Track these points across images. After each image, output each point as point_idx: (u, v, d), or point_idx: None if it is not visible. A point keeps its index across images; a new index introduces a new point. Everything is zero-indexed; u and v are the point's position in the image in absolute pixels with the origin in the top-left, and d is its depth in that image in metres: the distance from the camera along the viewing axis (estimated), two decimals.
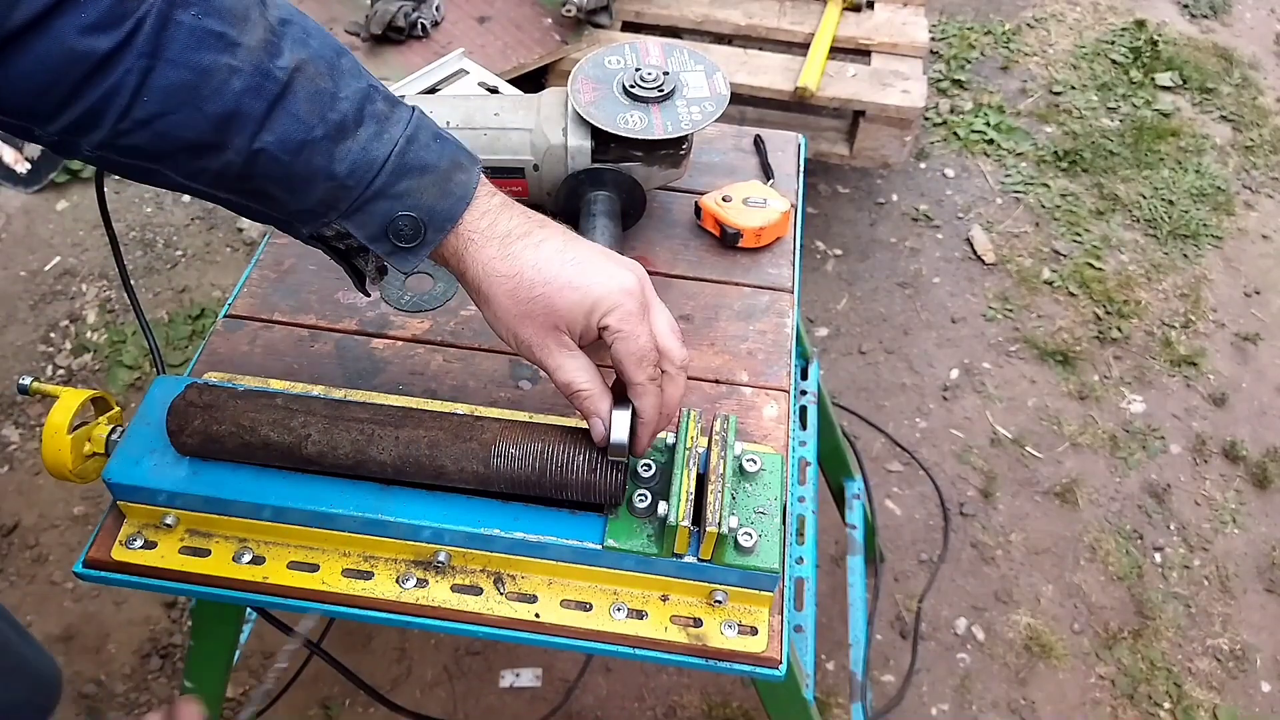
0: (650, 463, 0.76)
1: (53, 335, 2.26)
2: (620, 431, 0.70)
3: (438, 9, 2.16)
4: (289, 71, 0.64)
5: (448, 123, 0.98)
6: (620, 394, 0.72)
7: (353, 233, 0.70)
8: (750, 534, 0.72)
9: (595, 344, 0.72)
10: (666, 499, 0.71)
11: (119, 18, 0.58)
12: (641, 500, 0.73)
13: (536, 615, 0.76)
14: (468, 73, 1.27)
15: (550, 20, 2.23)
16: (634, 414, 0.71)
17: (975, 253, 2.57)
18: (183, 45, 0.60)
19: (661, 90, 0.96)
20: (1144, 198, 2.71)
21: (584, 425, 0.75)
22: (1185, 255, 2.59)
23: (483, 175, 0.73)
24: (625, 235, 1.02)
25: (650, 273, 1.02)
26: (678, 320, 0.98)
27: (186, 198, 2.56)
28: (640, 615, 0.76)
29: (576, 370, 0.71)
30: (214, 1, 0.61)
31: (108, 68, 0.59)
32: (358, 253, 0.77)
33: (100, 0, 0.58)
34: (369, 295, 0.84)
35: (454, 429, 0.74)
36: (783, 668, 0.75)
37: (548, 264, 0.70)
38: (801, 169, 1.17)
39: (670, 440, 0.77)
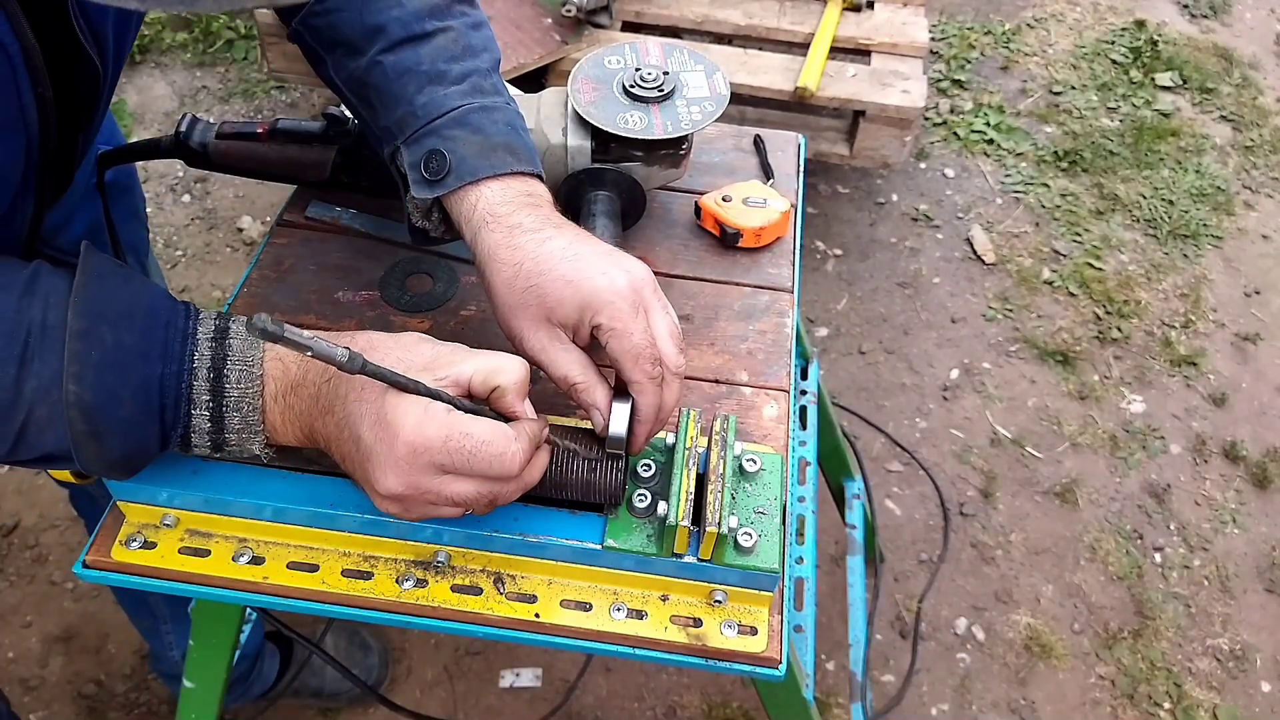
0: (650, 463, 0.76)
1: None
2: (619, 424, 0.70)
3: None
4: (436, 26, 0.80)
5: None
6: (621, 389, 0.71)
7: (402, 155, 0.78)
8: (750, 534, 0.72)
9: (595, 345, 0.72)
10: (666, 499, 0.71)
11: None
12: (641, 500, 0.73)
13: (536, 615, 0.76)
14: None
15: (550, 20, 2.23)
16: (633, 410, 0.71)
17: (975, 253, 2.57)
18: None
19: (661, 90, 0.96)
20: (1144, 198, 2.72)
21: (584, 425, 0.75)
22: (1185, 255, 2.59)
23: (538, 181, 0.79)
24: (625, 235, 1.02)
25: None
26: (677, 320, 0.98)
27: (186, 198, 2.56)
28: (640, 615, 0.76)
29: (571, 363, 0.71)
30: None
31: None
32: (407, 190, 0.81)
33: None
34: (416, 244, 0.87)
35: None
36: (782, 668, 0.75)
37: (547, 258, 0.71)
38: (801, 169, 1.17)
39: (670, 440, 0.77)
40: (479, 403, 0.67)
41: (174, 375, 0.63)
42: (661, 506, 0.72)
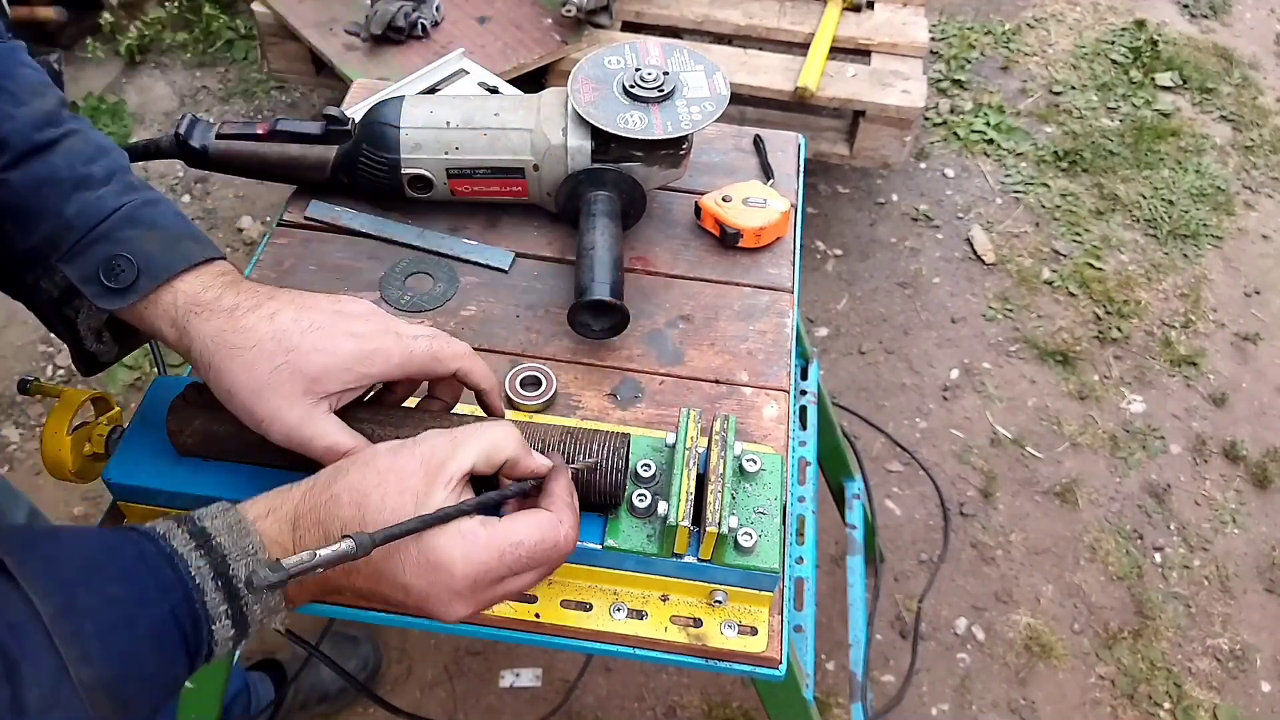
0: (650, 463, 0.76)
1: (53, 335, 2.26)
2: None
3: (438, 9, 2.16)
4: (59, 133, 0.73)
5: (448, 123, 0.98)
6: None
7: (69, 275, 0.71)
8: (750, 534, 0.72)
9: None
10: (666, 499, 0.71)
11: None
12: (641, 500, 0.73)
13: (536, 615, 0.76)
14: (468, 73, 1.27)
15: (550, 20, 2.23)
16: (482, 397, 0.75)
17: (975, 253, 2.57)
18: None
19: (661, 90, 0.96)
20: (1144, 198, 2.72)
21: (586, 425, 0.75)
22: (1185, 255, 2.59)
23: (227, 265, 0.74)
24: (625, 235, 1.02)
25: (650, 273, 1.03)
26: (678, 321, 0.98)
27: (186, 198, 2.56)
28: (640, 615, 0.76)
29: (338, 430, 0.69)
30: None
31: None
32: (76, 314, 0.75)
33: None
34: (86, 374, 0.81)
35: (454, 427, 0.73)
36: (783, 668, 0.75)
37: (287, 334, 0.68)
38: (801, 169, 1.17)
39: (670, 440, 0.77)
40: (493, 478, 0.65)
41: (183, 602, 0.55)
42: (662, 506, 0.72)
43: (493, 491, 0.64)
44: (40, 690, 0.50)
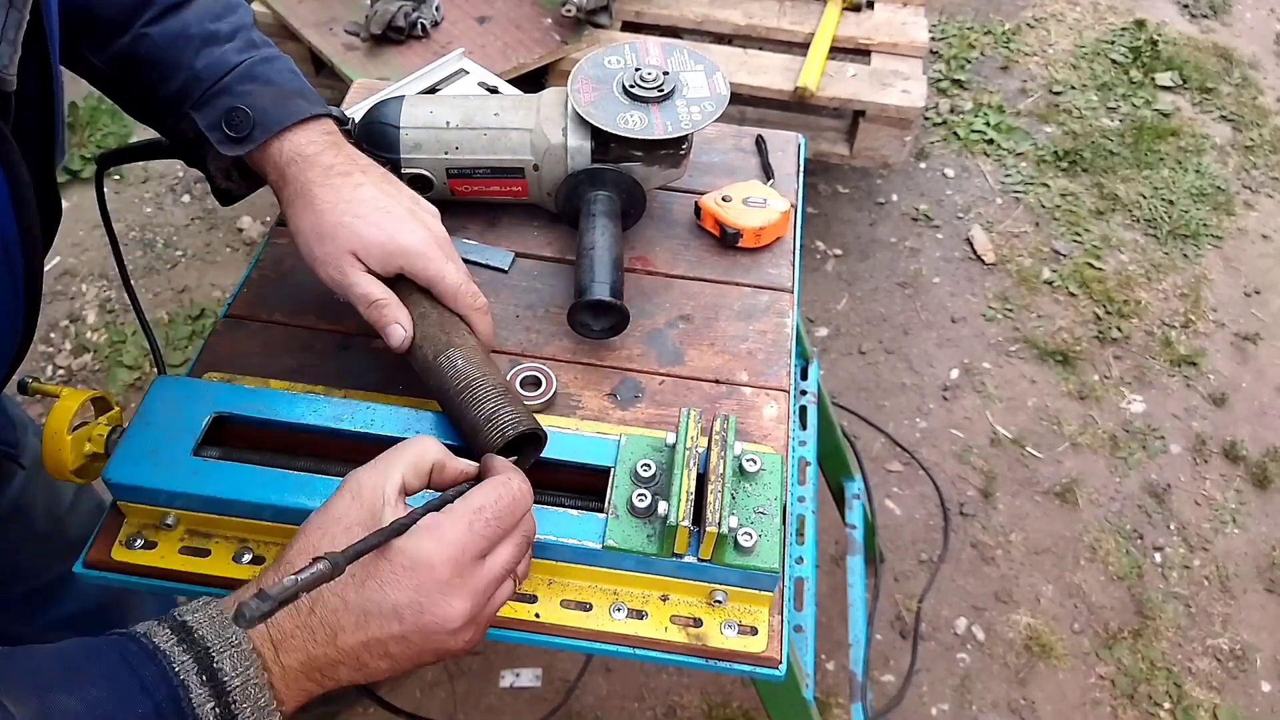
0: (650, 462, 0.76)
1: (53, 335, 2.26)
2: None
3: (438, 9, 2.16)
4: None
5: (447, 123, 0.98)
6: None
7: (196, 121, 0.81)
8: (750, 534, 0.72)
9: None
10: (666, 499, 0.71)
11: None
12: (641, 500, 0.73)
13: (536, 615, 0.76)
14: (468, 73, 1.27)
15: (550, 20, 2.23)
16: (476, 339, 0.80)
17: (975, 253, 2.57)
18: None
19: (661, 90, 0.96)
20: (1144, 198, 2.71)
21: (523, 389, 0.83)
22: (1185, 255, 2.59)
23: (331, 120, 0.84)
24: (625, 235, 1.02)
25: (650, 273, 1.03)
26: (677, 321, 0.98)
27: (186, 198, 2.56)
28: (640, 615, 0.76)
29: (372, 284, 0.79)
30: None
31: None
32: (206, 157, 0.85)
33: None
34: (224, 204, 0.92)
35: (450, 325, 0.80)
36: (783, 668, 0.75)
37: (361, 203, 0.79)
38: (801, 169, 1.17)
39: (670, 440, 0.77)
40: (432, 489, 0.67)
41: (168, 699, 0.54)
42: (662, 506, 0.72)
43: (433, 498, 0.64)
44: None
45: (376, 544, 0.57)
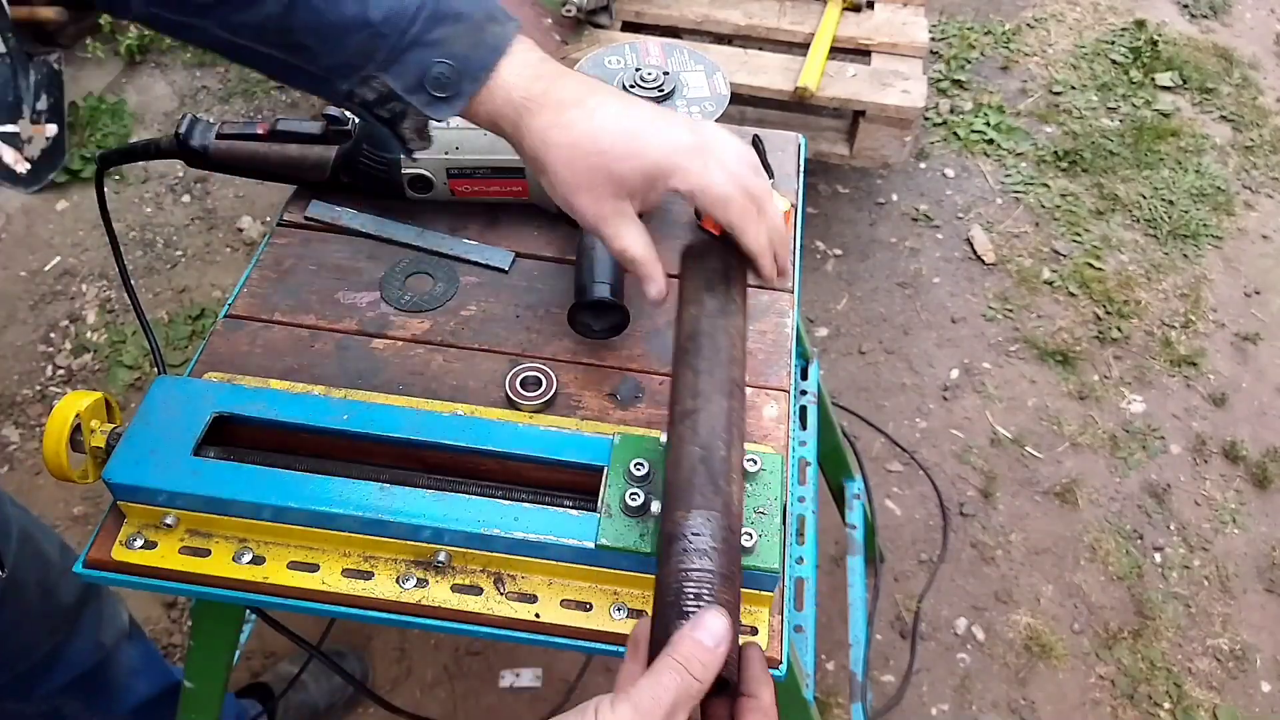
0: (644, 461, 0.76)
1: (53, 335, 2.26)
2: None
3: None
4: None
5: (448, 122, 0.98)
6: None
7: (391, 85, 0.70)
8: (750, 534, 0.72)
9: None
10: (659, 498, 0.71)
11: None
12: (634, 499, 0.73)
13: (536, 615, 0.76)
14: None
15: (550, 20, 2.23)
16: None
17: (975, 253, 2.57)
18: None
19: (661, 90, 0.96)
20: (1144, 198, 2.72)
21: None
22: (1185, 255, 2.59)
23: (526, 39, 0.74)
24: None
25: None
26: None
27: (186, 198, 2.56)
28: (640, 615, 0.76)
29: (632, 238, 0.74)
30: None
31: None
32: (399, 117, 0.74)
33: None
34: (413, 157, 0.85)
35: (709, 353, 0.72)
36: (783, 668, 0.75)
37: (603, 133, 0.71)
38: (801, 169, 1.17)
39: (664, 439, 0.77)
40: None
41: None
42: (655, 505, 0.71)
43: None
44: None
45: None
